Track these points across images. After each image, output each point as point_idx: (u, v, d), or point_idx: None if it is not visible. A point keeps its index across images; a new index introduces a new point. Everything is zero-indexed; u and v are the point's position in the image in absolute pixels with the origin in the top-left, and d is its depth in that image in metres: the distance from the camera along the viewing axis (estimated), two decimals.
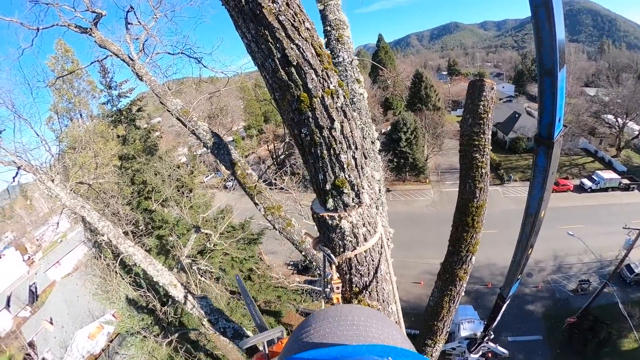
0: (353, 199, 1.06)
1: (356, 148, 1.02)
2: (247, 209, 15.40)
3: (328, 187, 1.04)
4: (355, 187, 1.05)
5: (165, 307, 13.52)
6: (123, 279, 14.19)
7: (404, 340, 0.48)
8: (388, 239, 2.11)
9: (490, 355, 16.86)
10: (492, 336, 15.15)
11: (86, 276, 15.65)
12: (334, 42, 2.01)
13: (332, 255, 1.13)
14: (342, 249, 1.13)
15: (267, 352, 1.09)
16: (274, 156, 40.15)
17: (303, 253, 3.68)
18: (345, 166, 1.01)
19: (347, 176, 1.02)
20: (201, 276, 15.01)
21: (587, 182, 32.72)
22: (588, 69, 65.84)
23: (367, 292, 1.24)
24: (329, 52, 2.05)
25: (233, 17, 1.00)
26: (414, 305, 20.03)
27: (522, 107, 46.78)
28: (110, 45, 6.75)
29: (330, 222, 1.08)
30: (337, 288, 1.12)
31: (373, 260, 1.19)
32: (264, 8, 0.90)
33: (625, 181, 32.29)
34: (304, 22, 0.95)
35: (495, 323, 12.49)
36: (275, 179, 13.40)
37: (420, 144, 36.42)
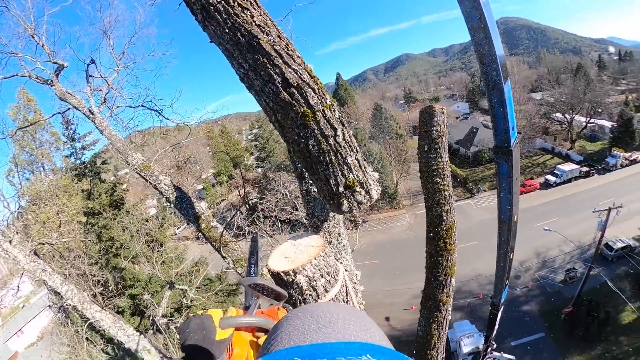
0: (364, 196, 1.16)
1: (357, 151, 1.14)
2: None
3: (341, 189, 1.12)
4: (364, 185, 1.15)
5: None
6: (95, 345, 12.74)
7: (382, 338, 0.48)
8: (355, 283, 2.05)
9: None
10: (495, 345, 14.83)
11: (52, 345, 13.75)
12: None
13: None
14: (303, 304, 1.05)
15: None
16: (246, 201, 39.14)
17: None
18: (352, 167, 1.11)
19: (355, 176, 1.12)
20: None
21: (551, 178, 34.71)
22: (531, 77, 72.54)
23: None
24: None
25: (228, 50, 1.09)
26: (409, 332, 19.10)
27: (479, 121, 49.47)
28: (70, 98, 6.46)
29: (285, 278, 1.02)
30: None
31: None
32: (260, 40, 1.00)
33: (585, 169, 35.03)
34: (295, 51, 1.07)
35: (495, 332, 12.29)
36: (249, 225, 12.93)
37: (388, 172, 37.20)
